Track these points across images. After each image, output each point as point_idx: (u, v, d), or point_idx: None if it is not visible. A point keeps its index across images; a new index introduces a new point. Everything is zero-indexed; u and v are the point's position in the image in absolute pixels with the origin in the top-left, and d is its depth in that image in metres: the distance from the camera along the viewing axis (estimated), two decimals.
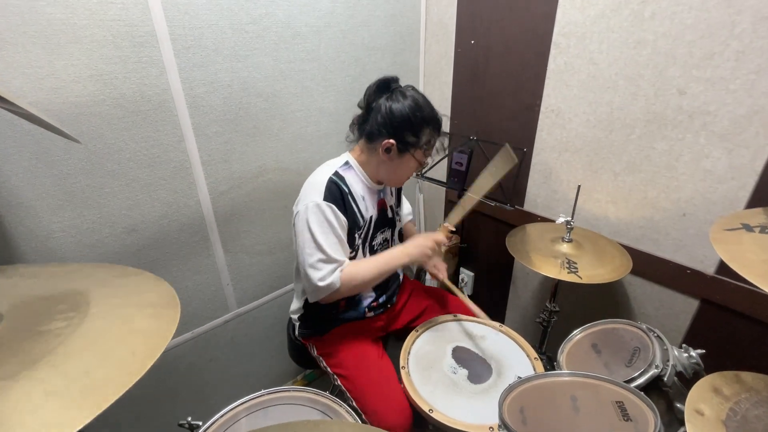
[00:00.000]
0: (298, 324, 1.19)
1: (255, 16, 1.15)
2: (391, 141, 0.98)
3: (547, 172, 1.41)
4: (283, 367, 1.63)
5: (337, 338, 1.14)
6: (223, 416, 0.90)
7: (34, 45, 0.85)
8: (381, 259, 1.04)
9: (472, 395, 0.95)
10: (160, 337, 0.56)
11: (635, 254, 1.18)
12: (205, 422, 0.88)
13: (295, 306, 1.19)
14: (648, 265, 1.22)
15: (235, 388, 1.49)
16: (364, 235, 1.08)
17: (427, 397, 0.94)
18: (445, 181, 1.60)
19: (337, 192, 0.98)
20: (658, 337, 0.96)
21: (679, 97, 1.05)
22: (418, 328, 1.16)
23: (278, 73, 1.25)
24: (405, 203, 1.35)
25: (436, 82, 1.69)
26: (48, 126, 0.69)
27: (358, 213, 1.04)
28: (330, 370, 1.13)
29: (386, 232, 1.17)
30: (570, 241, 1.21)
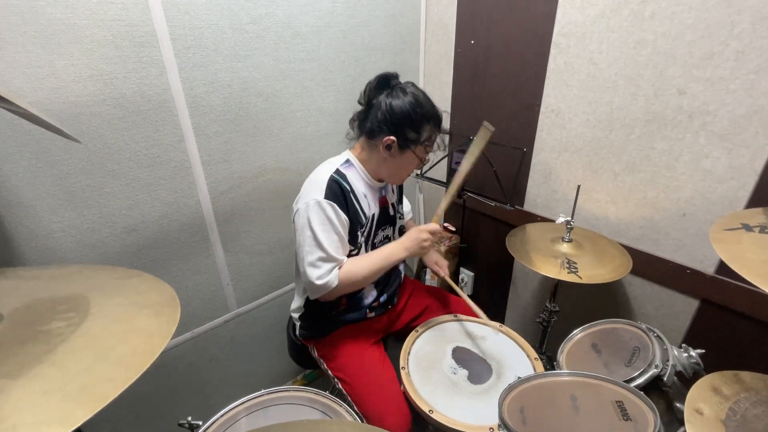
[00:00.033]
0: (298, 324, 1.19)
1: (255, 16, 1.15)
2: (392, 138, 0.97)
3: (547, 172, 1.41)
4: (283, 367, 1.63)
5: (339, 341, 1.13)
6: (223, 416, 0.90)
7: (35, 45, 0.86)
8: (378, 255, 1.04)
9: (472, 395, 0.95)
10: (160, 337, 0.57)
11: (635, 254, 1.18)
12: (205, 422, 0.88)
13: (296, 304, 1.19)
14: (648, 265, 1.22)
15: (235, 388, 1.49)
16: (367, 233, 1.08)
17: (428, 398, 0.94)
18: (445, 181, 1.61)
19: (338, 190, 0.98)
20: (658, 336, 0.96)
21: (678, 97, 1.05)
22: (418, 328, 1.16)
23: (278, 73, 1.25)
24: (405, 202, 1.35)
25: (436, 82, 1.69)
26: (48, 126, 0.69)
27: (360, 211, 1.04)
28: (330, 373, 1.13)
29: (387, 229, 1.17)
30: (570, 241, 1.22)
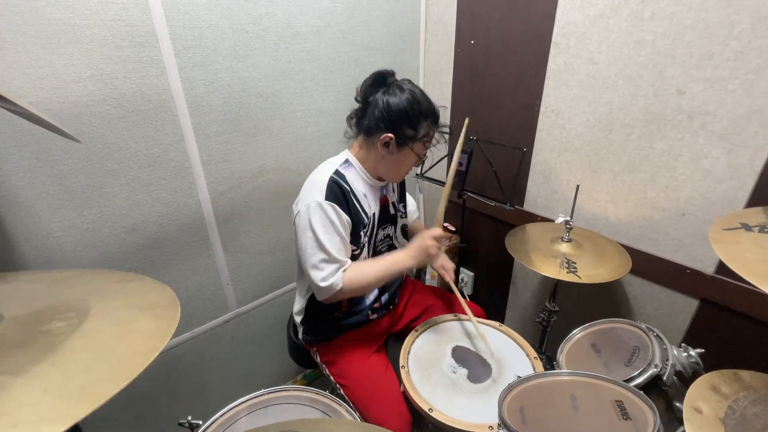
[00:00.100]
0: (301, 328, 1.18)
1: (255, 16, 1.15)
2: (390, 135, 0.97)
3: (546, 172, 1.41)
4: (283, 367, 1.63)
5: (342, 347, 1.12)
6: (223, 415, 0.90)
7: (35, 45, 0.86)
8: (385, 262, 1.04)
9: (472, 395, 0.95)
10: (160, 338, 0.57)
11: (635, 254, 1.18)
12: (205, 421, 0.88)
13: (298, 306, 1.18)
14: (647, 265, 1.22)
15: (235, 388, 1.49)
16: (370, 233, 1.08)
17: (427, 397, 0.94)
18: (445, 181, 1.60)
19: (338, 191, 0.98)
20: (658, 336, 0.96)
21: (678, 97, 1.05)
22: (418, 328, 1.16)
23: (278, 73, 1.25)
24: (410, 201, 1.34)
25: (436, 82, 1.69)
26: (48, 125, 0.69)
27: (361, 211, 1.03)
28: (332, 379, 1.13)
29: (388, 228, 1.17)
30: (569, 241, 1.22)
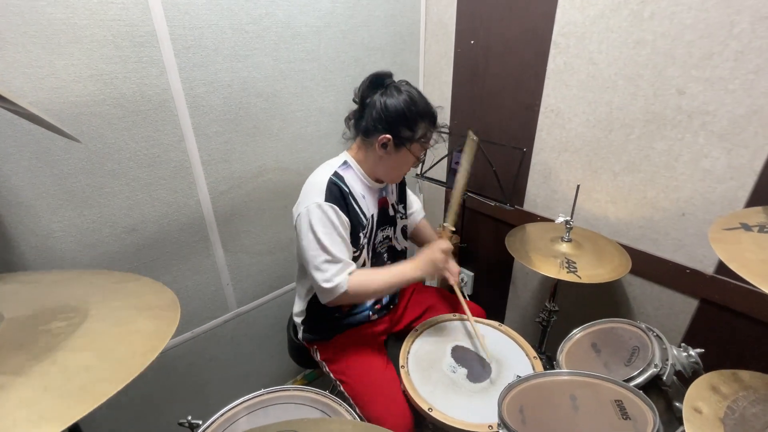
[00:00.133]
0: (302, 328, 1.18)
1: (255, 16, 1.15)
2: (387, 136, 0.98)
3: (546, 172, 1.41)
4: (283, 367, 1.63)
5: (342, 344, 1.13)
6: (222, 415, 0.90)
7: (35, 45, 0.86)
8: (393, 272, 1.03)
9: (472, 394, 0.95)
10: (159, 338, 0.57)
11: (634, 254, 1.18)
12: (205, 421, 0.88)
13: (298, 308, 1.19)
14: (647, 265, 1.22)
15: (235, 388, 1.49)
16: (369, 235, 1.08)
17: (427, 397, 0.94)
18: (445, 181, 1.61)
19: (337, 192, 0.98)
20: (657, 336, 0.96)
21: (678, 97, 1.05)
22: (418, 328, 1.16)
23: (278, 73, 1.25)
24: (415, 200, 1.33)
25: (436, 82, 1.69)
26: (48, 125, 0.69)
27: (360, 212, 1.04)
28: (332, 376, 1.13)
29: (387, 230, 1.17)
30: (569, 241, 1.22)
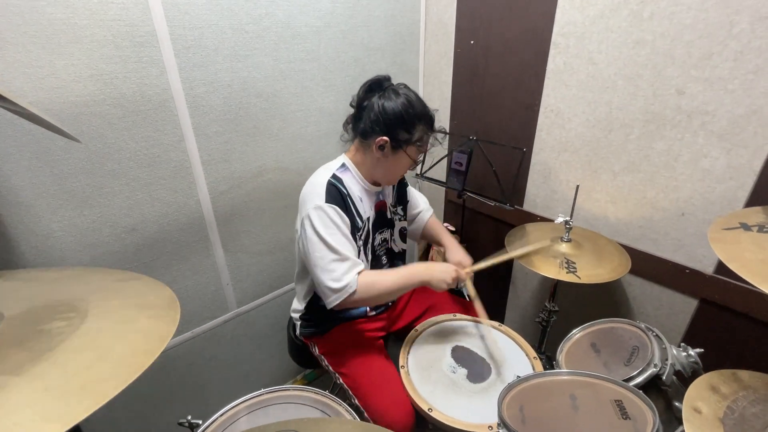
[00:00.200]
0: (299, 323, 1.19)
1: (255, 16, 1.15)
2: (385, 138, 0.98)
3: (546, 172, 1.41)
4: (283, 367, 1.63)
5: (339, 337, 1.14)
6: (223, 415, 0.90)
7: (35, 45, 0.86)
8: (403, 273, 1.02)
9: (472, 394, 0.96)
10: (160, 338, 0.57)
11: (634, 254, 1.18)
12: (204, 421, 0.88)
13: (297, 308, 1.20)
14: (647, 265, 1.22)
15: (235, 388, 1.49)
16: (364, 237, 1.08)
17: (427, 397, 0.94)
18: (445, 181, 1.61)
19: (337, 193, 0.99)
20: (657, 336, 0.96)
21: (677, 97, 1.05)
22: (418, 328, 1.16)
23: (278, 73, 1.25)
24: (421, 199, 1.33)
25: (436, 82, 1.69)
26: (48, 125, 0.70)
27: (357, 215, 1.04)
28: (331, 369, 1.14)
29: (385, 232, 1.17)
30: (569, 241, 1.22)
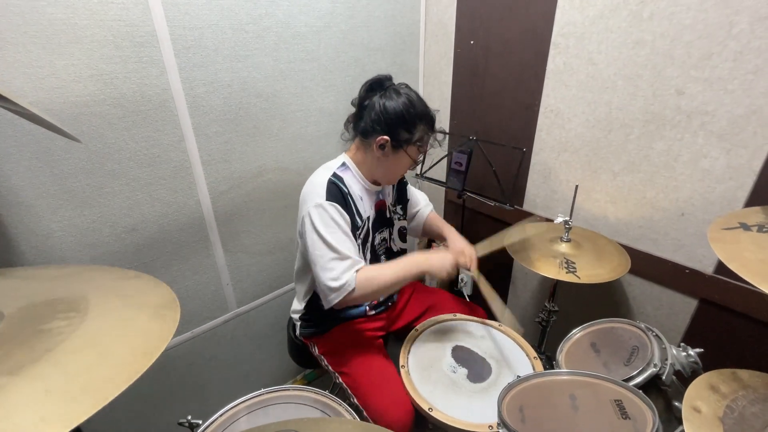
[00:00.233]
0: (299, 324, 1.19)
1: (255, 16, 1.15)
2: (386, 137, 0.98)
3: (546, 172, 1.41)
4: (283, 367, 1.63)
5: (339, 336, 1.14)
6: (222, 415, 0.90)
7: (35, 45, 0.86)
8: (400, 264, 1.01)
9: (472, 394, 0.96)
10: (160, 338, 0.57)
11: (634, 254, 1.18)
12: (204, 421, 0.88)
13: (297, 308, 1.20)
14: (647, 265, 1.22)
15: (235, 388, 1.49)
16: (363, 236, 1.08)
17: (427, 396, 0.94)
18: (445, 181, 1.61)
19: (337, 192, 0.99)
20: (657, 336, 0.96)
21: (677, 97, 1.05)
22: (418, 328, 1.17)
23: (278, 73, 1.25)
24: (421, 196, 1.33)
25: (436, 82, 1.69)
26: (48, 125, 0.70)
27: (356, 214, 1.04)
28: (331, 369, 1.14)
29: (384, 232, 1.18)
30: (569, 241, 1.22)
